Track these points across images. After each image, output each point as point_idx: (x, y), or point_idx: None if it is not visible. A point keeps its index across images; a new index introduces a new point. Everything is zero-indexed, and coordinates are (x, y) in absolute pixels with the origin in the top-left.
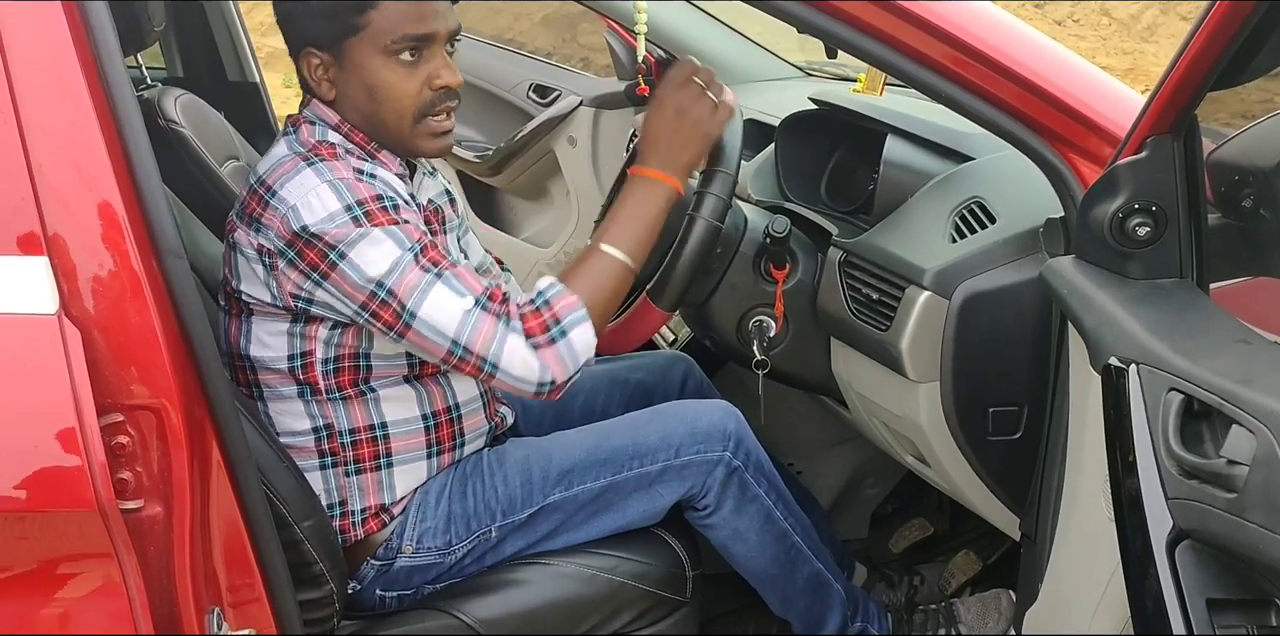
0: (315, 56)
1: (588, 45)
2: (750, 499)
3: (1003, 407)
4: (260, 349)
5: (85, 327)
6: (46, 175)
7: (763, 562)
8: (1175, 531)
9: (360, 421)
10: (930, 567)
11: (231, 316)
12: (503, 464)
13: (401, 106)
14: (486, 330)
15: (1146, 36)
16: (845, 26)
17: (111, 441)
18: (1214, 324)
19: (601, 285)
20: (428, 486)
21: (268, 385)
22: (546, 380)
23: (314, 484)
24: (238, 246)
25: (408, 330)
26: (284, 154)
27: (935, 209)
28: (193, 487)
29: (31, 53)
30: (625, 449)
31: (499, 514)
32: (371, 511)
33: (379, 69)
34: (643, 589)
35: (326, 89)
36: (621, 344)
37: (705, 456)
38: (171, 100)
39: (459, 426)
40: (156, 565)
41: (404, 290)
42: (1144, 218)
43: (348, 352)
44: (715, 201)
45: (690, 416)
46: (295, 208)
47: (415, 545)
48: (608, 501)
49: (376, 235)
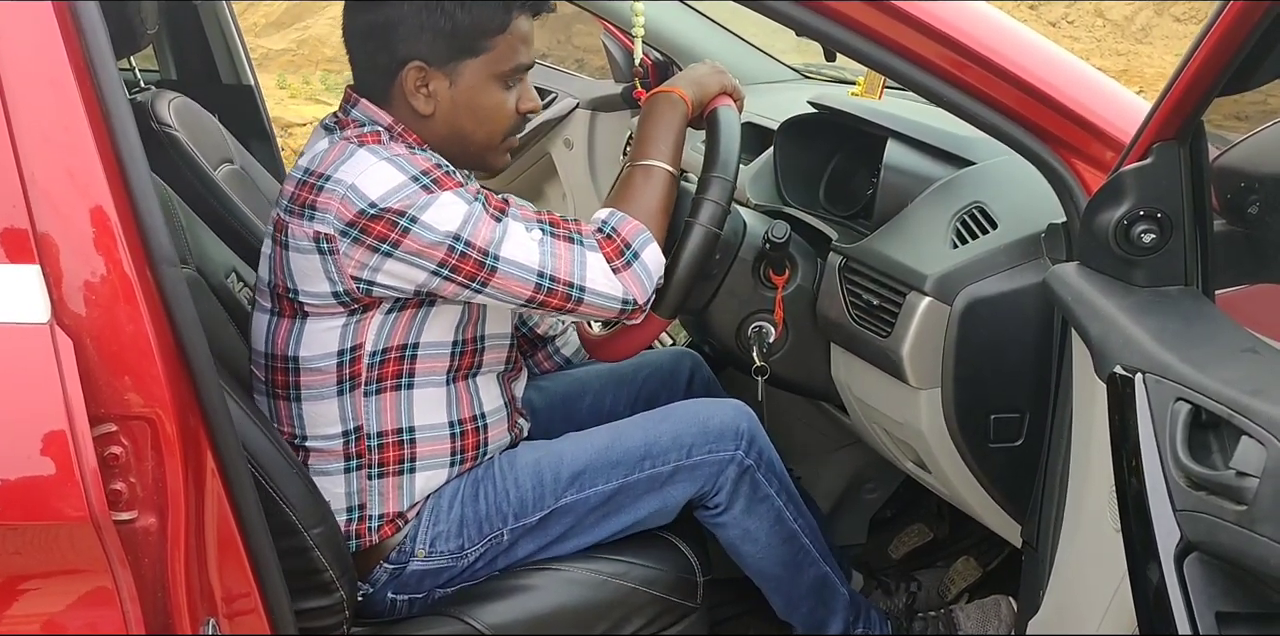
0: (424, 71)
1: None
2: (761, 498)
3: (1004, 414)
4: (309, 348)
5: (77, 336)
6: (38, 180)
7: (770, 563)
8: (1183, 543)
9: (390, 424)
10: (929, 574)
11: (282, 318)
12: (514, 467)
13: (497, 127)
14: (564, 254)
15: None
16: (843, 29)
17: (104, 452)
18: (1221, 333)
19: (654, 201)
20: (441, 490)
21: (307, 386)
22: (630, 298)
23: (336, 486)
24: (289, 242)
25: (493, 275)
26: (327, 145)
27: (936, 214)
28: (187, 498)
29: (22, 56)
30: (637, 450)
31: (511, 517)
32: (389, 517)
33: (493, 91)
34: (653, 594)
35: (424, 103)
36: (620, 351)
37: (718, 455)
38: (165, 103)
39: (484, 435)
40: (151, 576)
41: (482, 239)
42: (1149, 224)
43: (396, 344)
44: (714, 208)
45: (703, 416)
46: (354, 187)
47: (428, 549)
48: (619, 503)
49: (445, 198)
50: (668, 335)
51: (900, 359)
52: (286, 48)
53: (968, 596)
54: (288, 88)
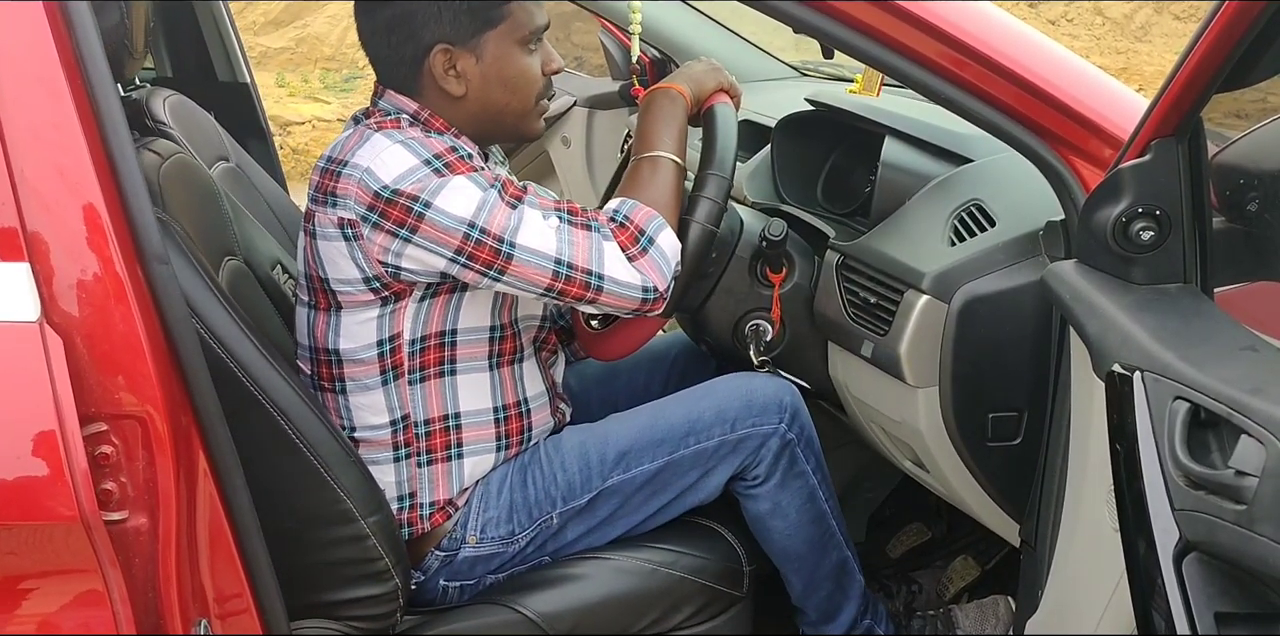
0: (449, 52)
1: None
2: (797, 474)
3: (1002, 413)
4: (350, 340)
5: (67, 335)
6: (28, 178)
7: (797, 541)
8: (1182, 543)
9: (436, 411)
10: (927, 574)
11: (319, 311)
12: (560, 450)
13: (531, 92)
14: (582, 242)
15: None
16: (841, 26)
17: (95, 451)
18: (1220, 331)
19: (663, 189)
20: (489, 477)
21: (352, 378)
22: (650, 286)
23: (386, 476)
24: (318, 231)
25: (509, 263)
26: (349, 133)
27: (934, 211)
28: (179, 497)
29: (13, 53)
30: (680, 426)
31: (559, 500)
32: (439, 504)
33: (518, 58)
34: (701, 583)
35: (455, 84)
36: (616, 350)
37: (761, 429)
38: (160, 101)
39: (528, 420)
40: (142, 577)
41: (497, 225)
42: (1148, 222)
43: (434, 331)
44: (710, 205)
45: (745, 389)
46: (369, 170)
47: (479, 535)
48: (665, 480)
49: (458, 182)
50: (664, 333)
51: (898, 357)
52: (285, 46)
53: (966, 595)
54: (286, 86)
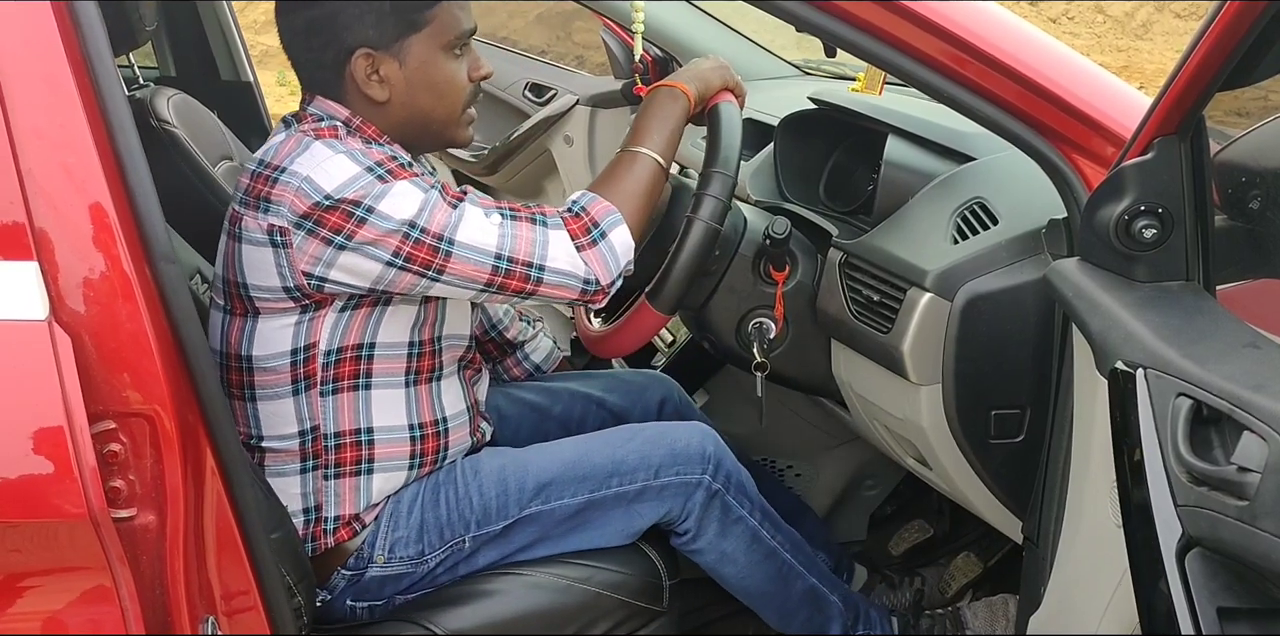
0: (371, 56)
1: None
2: (734, 520)
3: (1005, 410)
4: (262, 347)
5: (76, 333)
6: (36, 178)
7: (755, 582)
8: (1185, 539)
9: (347, 424)
10: (929, 571)
11: (234, 316)
12: (478, 473)
13: (455, 100)
14: (525, 234)
15: (1141, 34)
16: (844, 24)
17: (103, 449)
18: (1222, 328)
19: (634, 186)
20: (400, 494)
21: (262, 386)
22: (592, 278)
23: (291, 487)
24: (243, 235)
25: (448, 260)
26: (283, 138)
27: (937, 210)
28: (186, 495)
29: (20, 53)
30: (604, 466)
31: (474, 524)
32: (344, 520)
33: (443, 63)
34: (618, 599)
35: (379, 90)
36: (620, 346)
37: (685, 478)
38: (164, 100)
39: (445, 440)
40: (149, 574)
41: (437, 224)
42: (1150, 220)
43: (351, 344)
44: (714, 203)
45: (669, 438)
46: (309, 179)
47: (387, 554)
48: (586, 517)
49: (401, 187)
50: (667, 331)
51: (901, 355)
52: None
53: (970, 593)
54: (288, 84)
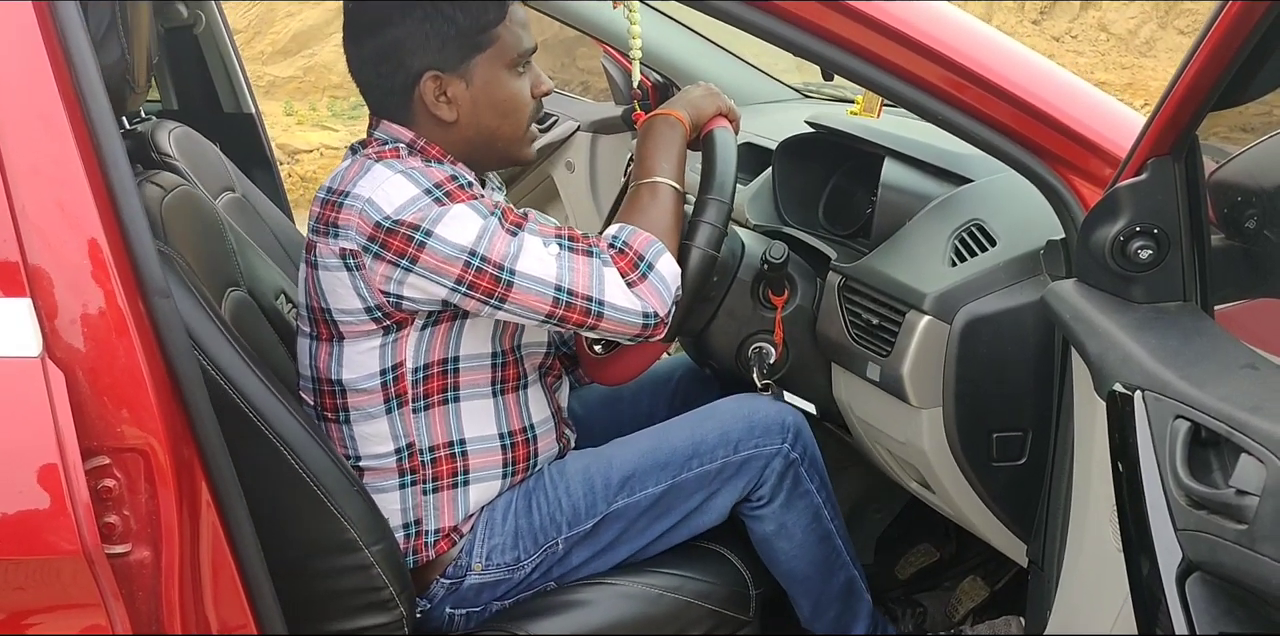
0: (439, 78)
1: (586, 70)
2: (801, 494)
3: (1006, 433)
4: (352, 370)
5: (70, 369)
6: (29, 214)
7: (803, 564)
8: (1185, 563)
9: (440, 438)
10: (933, 596)
11: (321, 341)
12: (564, 476)
13: (521, 117)
14: (582, 268)
15: (1144, 51)
16: (840, 51)
17: (97, 485)
18: (1220, 349)
19: (662, 215)
20: (494, 503)
21: (356, 407)
22: (651, 311)
23: (391, 503)
24: (319, 262)
25: (510, 291)
26: (349, 163)
27: (934, 232)
28: (182, 530)
29: (12, 88)
30: (684, 449)
31: (565, 526)
32: (444, 532)
33: (508, 82)
34: (707, 608)
35: (447, 110)
36: (619, 375)
37: (764, 450)
38: (165, 133)
39: (534, 446)
40: (145, 610)
41: (497, 253)
42: (1146, 241)
43: (436, 359)
44: (710, 230)
45: (748, 411)
46: (371, 201)
47: (484, 562)
48: (669, 504)
49: (459, 210)
50: (668, 356)
51: (901, 378)
52: (293, 75)
53: (975, 616)
54: (294, 114)
